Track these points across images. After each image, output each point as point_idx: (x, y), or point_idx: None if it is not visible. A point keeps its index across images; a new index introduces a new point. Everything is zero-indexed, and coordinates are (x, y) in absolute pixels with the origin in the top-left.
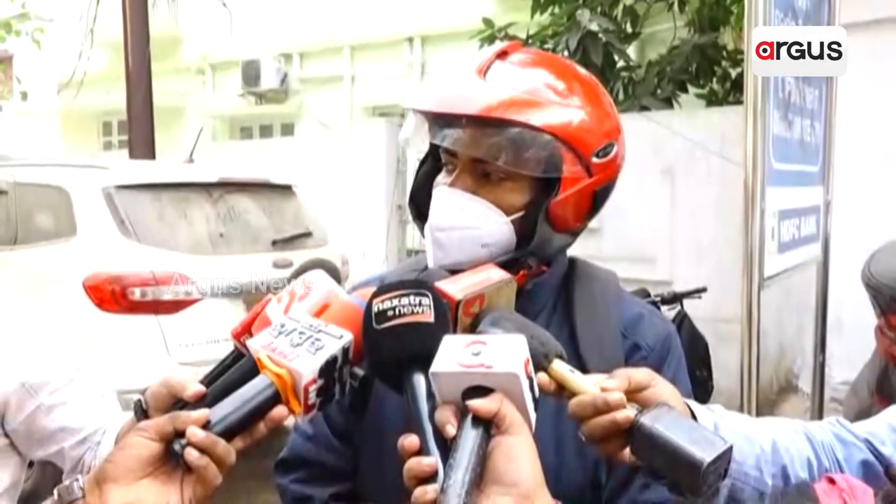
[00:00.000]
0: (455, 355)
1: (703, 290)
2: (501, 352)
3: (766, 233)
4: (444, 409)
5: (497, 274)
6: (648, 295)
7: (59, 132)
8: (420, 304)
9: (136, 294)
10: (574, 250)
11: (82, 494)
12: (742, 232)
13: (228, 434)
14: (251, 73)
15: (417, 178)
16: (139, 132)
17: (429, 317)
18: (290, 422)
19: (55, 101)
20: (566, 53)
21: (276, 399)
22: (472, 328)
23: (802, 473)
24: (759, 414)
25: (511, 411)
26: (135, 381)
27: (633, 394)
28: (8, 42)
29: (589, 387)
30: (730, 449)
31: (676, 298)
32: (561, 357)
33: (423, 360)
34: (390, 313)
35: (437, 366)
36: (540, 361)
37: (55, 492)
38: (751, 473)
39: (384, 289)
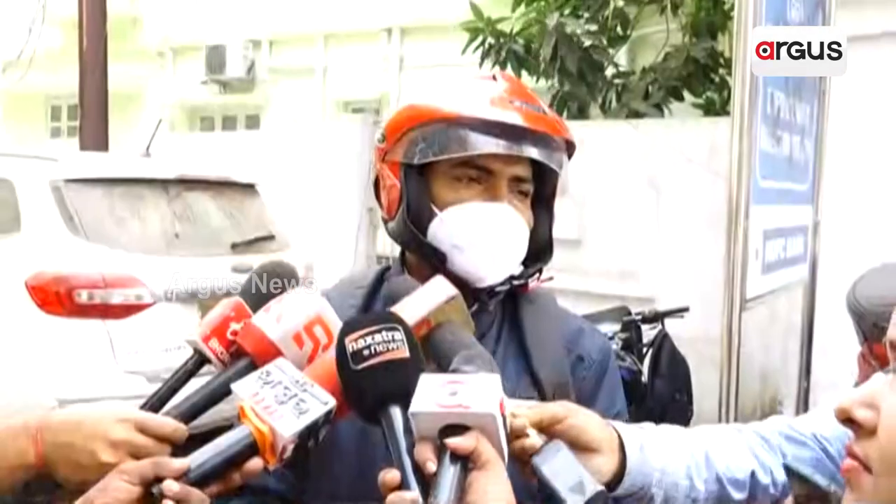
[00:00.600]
0: (433, 395)
1: (686, 309)
2: (477, 392)
3: (750, 253)
4: (423, 447)
5: (441, 293)
6: (629, 313)
7: (2, 115)
8: (393, 340)
9: (83, 296)
10: (555, 263)
11: None
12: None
13: (204, 481)
14: (215, 60)
15: (417, 196)
16: (91, 119)
17: (403, 352)
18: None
19: (0, 81)
20: (544, 61)
21: (253, 450)
22: (424, 349)
23: (740, 475)
24: None
25: (487, 448)
26: (78, 391)
27: (549, 426)
28: None
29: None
30: (601, 492)
31: (658, 317)
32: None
33: (400, 395)
34: (366, 353)
35: (416, 406)
36: None
37: None
38: (681, 483)
39: (353, 325)
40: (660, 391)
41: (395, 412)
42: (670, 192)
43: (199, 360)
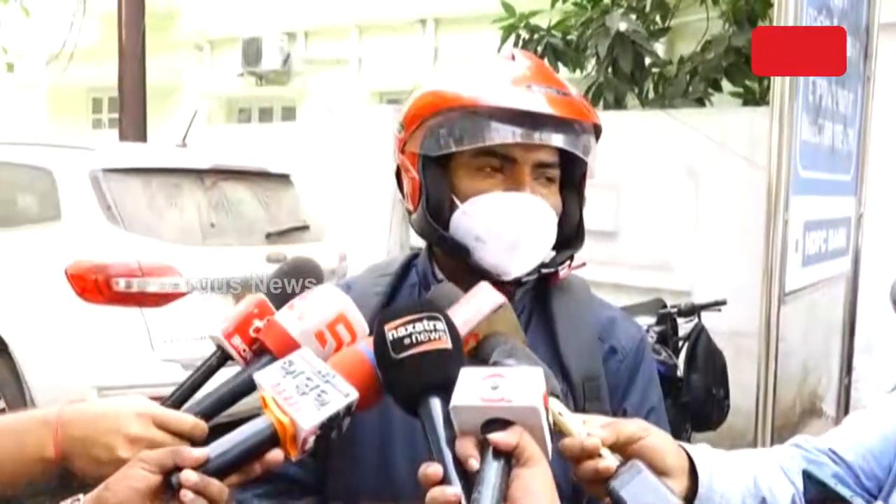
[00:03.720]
0: (474, 389)
1: (723, 302)
2: (520, 385)
3: (789, 244)
4: (466, 442)
5: (487, 303)
6: (665, 306)
7: (45, 107)
8: (435, 330)
9: (121, 284)
10: (590, 255)
11: None
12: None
13: (224, 471)
14: (252, 52)
15: (437, 188)
16: (130, 111)
17: (445, 343)
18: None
19: (43, 74)
20: (596, 58)
21: (273, 441)
22: (474, 357)
23: (783, 500)
24: (778, 437)
25: (530, 444)
26: (116, 377)
27: (624, 446)
28: None
29: (576, 429)
30: None
31: (694, 311)
32: (556, 395)
33: (441, 386)
34: (407, 341)
35: (457, 399)
36: None
37: None
38: None
39: (394, 313)
40: (696, 386)
41: (435, 404)
42: (709, 183)
43: (222, 357)
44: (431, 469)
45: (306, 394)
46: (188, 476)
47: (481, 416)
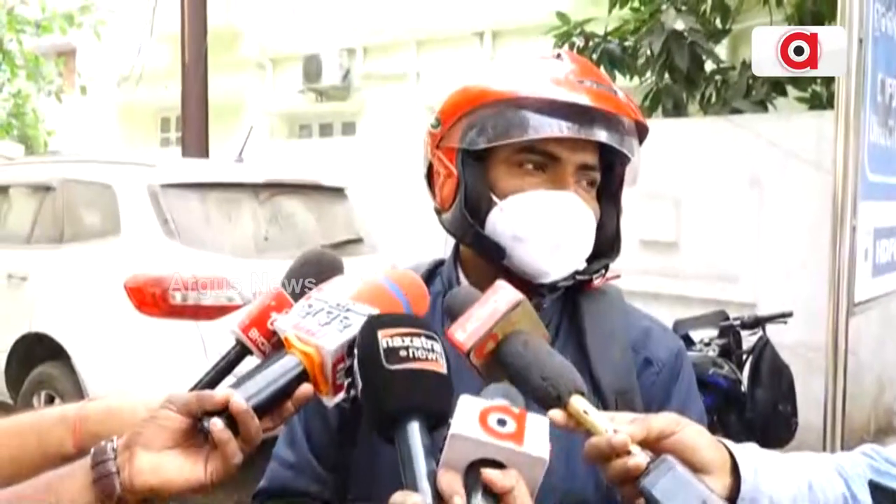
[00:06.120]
0: (478, 420)
1: (789, 314)
2: (532, 431)
3: (858, 253)
4: (452, 477)
5: (504, 302)
6: (727, 318)
7: (117, 127)
8: (433, 350)
9: (177, 298)
10: (650, 266)
11: (114, 455)
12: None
13: (256, 413)
14: (312, 69)
15: (475, 184)
16: (193, 129)
17: (442, 367)
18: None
19: (115, 95)
20: (648, 56)
21: (303, 378)
22: (492, 365)
23: None
24: None
25: (523, 494)
26: (172, 390)
27: (655, 442)
28: (70, 35)
29: (603, 426)
30: None
31: (758, 323)
32: (581, 392)
33: (427, 412)
34: (403, 353)
35: (458, 428)
36: (550, 403)
37: (91, 451)
38: None
39: (389, 321)
40: (761, 402)
41: (414, 429)
42: (773, 191)
43: (241, 351)
44: (411, 501)
45: (328, 324)
46: (238, 402)
47: (479, 452)
